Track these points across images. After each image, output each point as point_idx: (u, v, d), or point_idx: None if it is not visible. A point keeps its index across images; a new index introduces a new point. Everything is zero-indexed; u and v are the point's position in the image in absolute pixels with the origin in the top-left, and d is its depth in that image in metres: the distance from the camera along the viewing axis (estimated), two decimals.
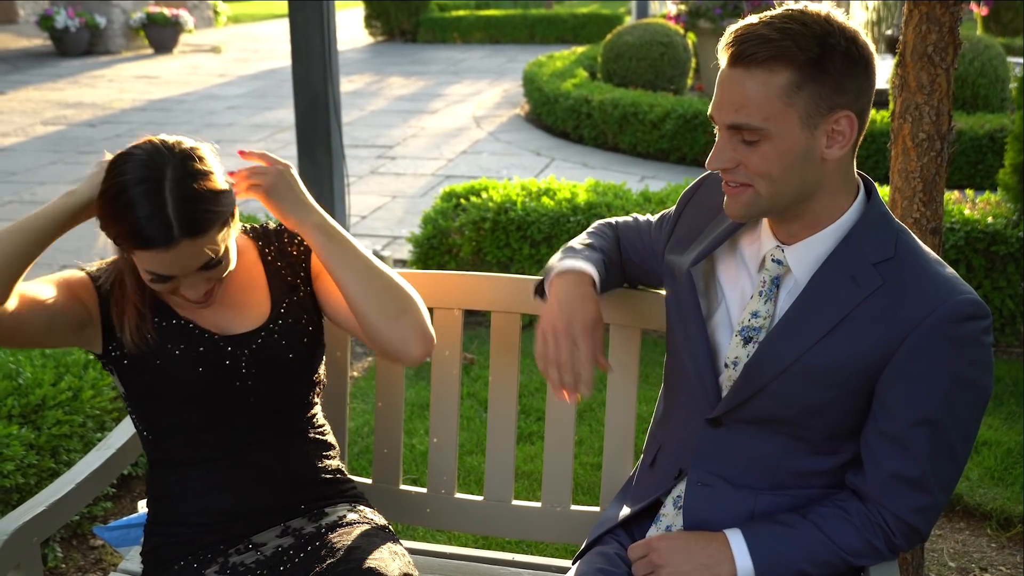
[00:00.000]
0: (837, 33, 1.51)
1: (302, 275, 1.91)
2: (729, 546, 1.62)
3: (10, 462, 2.75)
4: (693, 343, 1.74)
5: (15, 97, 12.07)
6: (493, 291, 2.09)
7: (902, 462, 1.57)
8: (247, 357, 1.80)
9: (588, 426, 3.78)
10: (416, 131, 9.91)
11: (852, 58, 1.52)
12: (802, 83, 1.50)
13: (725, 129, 1.56)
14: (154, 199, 1.60)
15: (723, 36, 1.56)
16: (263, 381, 1.81)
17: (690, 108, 8.22)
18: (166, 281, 1.68)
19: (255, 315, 1.84)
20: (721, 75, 1.55)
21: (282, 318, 1.85)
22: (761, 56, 1.50)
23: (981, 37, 8.73)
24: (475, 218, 4.76)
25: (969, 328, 1.54)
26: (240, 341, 1.80)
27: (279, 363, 1.82)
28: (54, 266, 5.78)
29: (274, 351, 1.81)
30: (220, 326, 1.82)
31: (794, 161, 1.54)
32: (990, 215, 4.35)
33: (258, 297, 1.86)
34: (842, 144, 1.55)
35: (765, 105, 1.51)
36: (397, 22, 18.28)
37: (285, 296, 1.87)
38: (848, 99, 1.53)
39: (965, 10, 2.35)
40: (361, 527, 1.84)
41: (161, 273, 1.66)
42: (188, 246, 1.63)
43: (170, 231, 1.61)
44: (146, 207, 1.60)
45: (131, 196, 1.61)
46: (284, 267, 1.90)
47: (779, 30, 1.50)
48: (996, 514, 3.14)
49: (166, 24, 16.75)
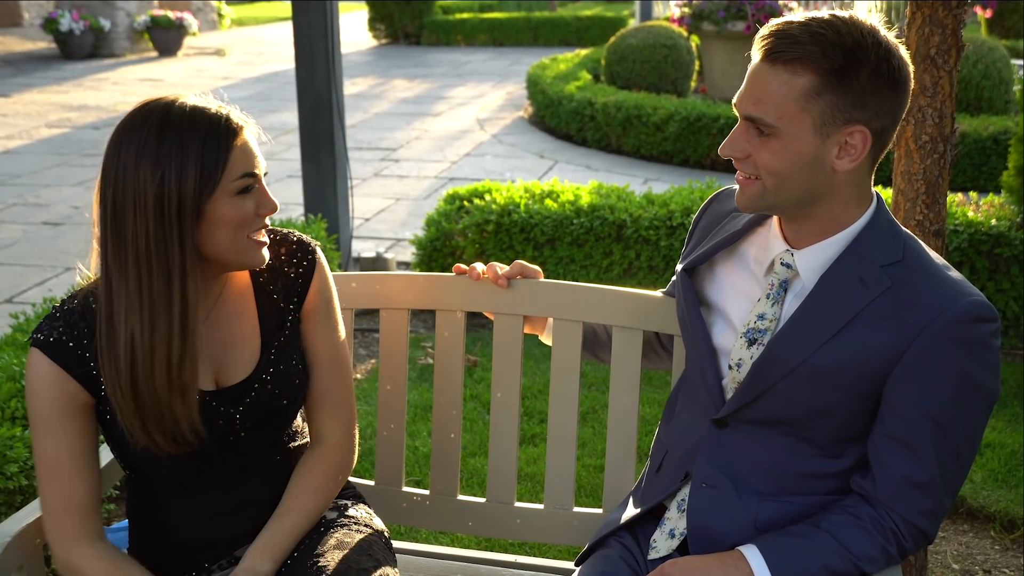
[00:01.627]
0: (870, 48, 1.50)
1: (295, 301, 1.79)
2: (747, 562, 1.60)
3: (13, 464, 2.75)
4: (697, 345, 1.75)
5: (19, 100, 12.09)
6: (496, 293, 2.09)
7: (911, 465, 1.57)
8: (241, 413, 1.71)
9: (591, 428, 3.78)
10: (420, 134, 9.92)
11: (880, 76, 1.51)
12: (821, 90, 1.50)
13: (743, 119, 1.57)
14: (204, 108, 1.59)
15: (760, 30, 1.58)
16: (256, 430, 1.74)
17: (694, 111, 8.21)
18: (250, 191, 1.61)
19: (246, 355, 1.73)
20: (750, 67, 1.57)
21: (273, 365, 1.74)
22: (787, 56, 1.51)
23: (985, 40, 8.72)
24: (478, 220, 4.76)
25: (978, 330, 1.54)
26: (233, 396, 1.70)
27: (273, 411, 1.75)
28: (57, 268, 5.80)
29: (267, 401, 1.73)
30: (212, 371, 1.70)
31: (802, 164, 1.54)
32: (994, 217, 4.34)
33: (248, 329, 1.74)
34: (852, 158, 1.55)
35: (781, 104, 1.52)
36: (401, 25, 18.30)
37: (274, 336, 1.76)
38: (867, 115, 1.52)
39: (969, 13, 2.35)
40: (352, 536, 1.80)
41: (249, 170, 1.60)
42: (250, 134, 1.62)
43: (232, 119, 1.60)
44: (204, 114, 1.58)
45: (178, 117, 1.57)
46: (276, 290, 1.78)
47: (812, 34, 1.50)
48: (1000, 516, 3.14)
49: (170, 27, 16.78)
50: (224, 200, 1.58)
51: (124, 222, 1.55)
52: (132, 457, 1.68)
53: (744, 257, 1.75)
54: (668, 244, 4.57)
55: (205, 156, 1.55)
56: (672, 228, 4.58)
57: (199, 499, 1.75)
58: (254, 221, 1.64)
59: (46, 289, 5.45)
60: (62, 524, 1.64)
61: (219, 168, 1.56)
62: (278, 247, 1.80)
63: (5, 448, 2.77)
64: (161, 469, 1.69)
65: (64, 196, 7.52)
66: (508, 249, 4.75)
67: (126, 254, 1.56)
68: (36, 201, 7.39)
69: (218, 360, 1.71)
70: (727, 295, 1.75)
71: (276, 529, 1.73)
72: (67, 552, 1.64)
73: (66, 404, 1.62)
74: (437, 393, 2.16)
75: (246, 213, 1.61)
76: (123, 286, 1.56)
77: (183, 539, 1.76)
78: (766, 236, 1.72)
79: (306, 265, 1.79)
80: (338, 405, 1.84)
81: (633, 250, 4.65)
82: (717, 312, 1.76)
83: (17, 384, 2.98)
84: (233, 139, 1.59)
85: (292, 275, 1.79)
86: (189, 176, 1.54)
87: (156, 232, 1.54)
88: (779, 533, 1.64)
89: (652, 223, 4.60)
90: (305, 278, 1.79)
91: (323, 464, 1.81)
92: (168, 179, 1.53)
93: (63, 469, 1.63)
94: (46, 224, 6.77)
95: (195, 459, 1.68)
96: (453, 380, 2.15)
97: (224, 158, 1.57)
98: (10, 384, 2.96)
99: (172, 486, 1.74)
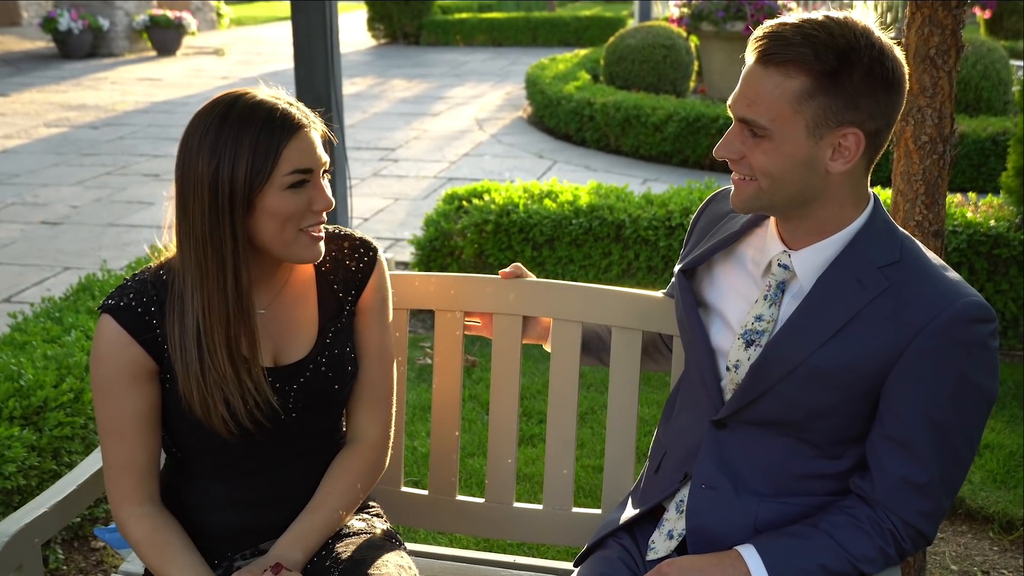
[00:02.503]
0: (863, 50, 1.50)
1: (353, 293, 1.85)
2: (744, 561, 1.60)
3: (11, 464, 2.75)
4: (695, 347, 1.75)
5: (18, 99, 12.09)
6: (495, 294, 2.09)
7: (910, 467, 1.57)
8: (295, 392, 1.76)
9: (590, 428, 3.77)
10: (418, 133, 9.91)
11: (874, 77, 1.51)
12: (814, 92, 1.50)
13: (737, 121, 1.58)
14: (270, 102, 1.65)
15: (755, 31, 1.58)
16: (307, 412, 1.78)
17: (692, 111, 8.21)
18: (302, 186, 1.65)
19: (304, 337, 1.79)
20: (745, 68, 1.57)
21: (328, 349, 1.80)
22: (779, 58, 1.51)
23: (984, 40, 8.72)
24: (477, 220, 4.76)
25: (976, 331, 1.54)
26: (288, 375, 1.76)
27: (325, 395, 1.79)
28: (56, 267, 5.79)
29: (321, 384, 1.78)
30: (272, 351, 1.76)
31: (795, 165, 1.54)
32: (992, 218, 4.34)
33: (307, 315, 1.81)
34: (846, 160, 1.55)
35: (774, 106, 1.52)
36: (400, 25, 18.29)
37: (332, 321, 1.82)
38: (860, 117, 1.52)
39: (968, 13, 2.35)
40: (367, 536, 1.84)
41: (304, 166, 1.64)
42: (314, 133, 1.67)
43: (296, 116, 1.65)
44: (267, 106, 1.64)
45: (245, 108, 1.64)
46: (337, 280, 1.84)
47: (805, 35, 1.50)
48: (998, 517, 3.14)
49: (169, 26, 16.77)
50: (275, 193, 1.64)
51: (187, 205, 1.64)
52: (184, 427, 1.73)
53: (742, 258, 1.75)
54: (667, 244, 4.57)
55: (257, 149, 1.61)
56: (671, 228, 4.58)
57: (237, 484, 1.78)
58: (307, 216, 1.68)
59: (44, 289, 5.44)
60: (120, 484, 1.72)
61: (270, 161, 1.62)
62: (341, 241, 1.87)
63: (3, 448, 2.77)
64: (210, 444, 1.73)
65: (62, 195, 7.52)
66: (507, 249, 4.75)
67: (190, 235, 1.65)
68: (34, 200, 7.39)
69: (278, 341, 1.77)
70: (725, 296, 1.75)
71: (308, 524, 1.77)
72: (119, 509, 1.73)
73: (130, 369, 1.68)
74: (436, 393, 2.16)
75: (297, 208, 1.66)
76: (189, 264, 1.66)
77: (214, 523, 1.79)
78: (764, 237, 1.71)
79: (367, 261, 1.86)
80: (379, 402, 1.88)
81: (632, 250, 4.65)
82: (715, 313, 1.75)
83: (15, 384, 2.98)
84: (289, 135, 1.63)
85: (353, 268, 1.85)
86: (241, 167, 1.61)
87: (210, 218, 1.62)
88: (777, 533, 1.63)
89: (651, 223, 4.60)
90: (365, 273, 1.86)
91: (358, 463, 1.85)
92: (222, 169, 1.61)
93: (124, 432, 1.69)
94: (44, 224, 6.76)
95: (245, 441, 1.73)
96: (452, 380, 2.14)
97: (276, 152, 1.62)
98: (8, 384, 2.96)
99: (214, 466, 1.77)
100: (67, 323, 3.49)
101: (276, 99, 1.66)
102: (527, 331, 2.11)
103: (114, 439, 1.70)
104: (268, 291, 1.77)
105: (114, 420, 1.69)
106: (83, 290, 3.91)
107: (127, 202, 7.32)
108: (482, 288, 2.10)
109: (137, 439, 1.70)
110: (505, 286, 2.08)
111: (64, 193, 7.60)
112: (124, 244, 6.23)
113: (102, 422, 1.70)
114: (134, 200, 7.37)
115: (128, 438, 1.70)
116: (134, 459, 1.71)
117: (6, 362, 3.11)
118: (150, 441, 1.72)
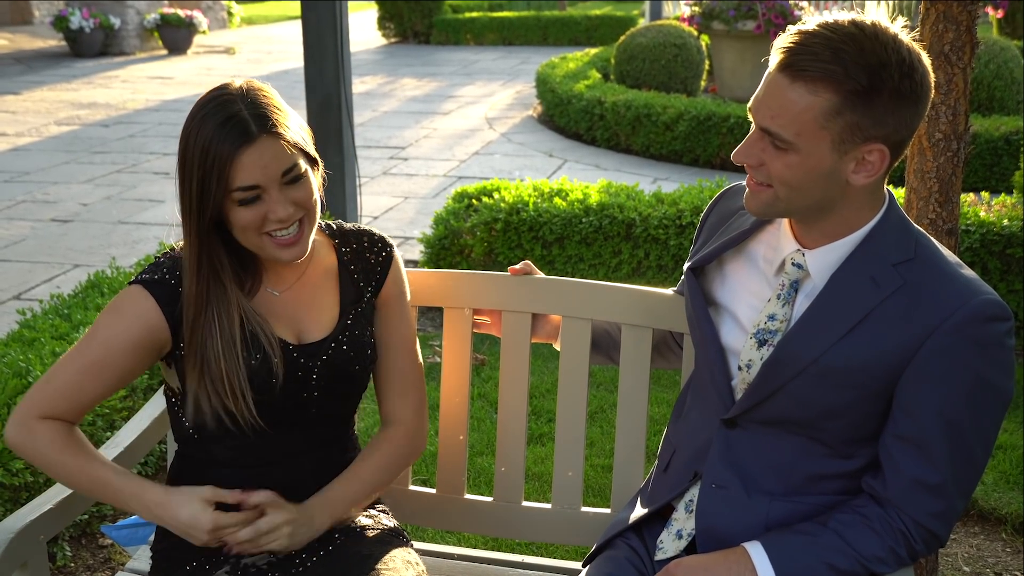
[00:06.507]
0: (893, 66, 1.46)
1: (373, 284, 1.90)
2: (750, 559, 1.59)
3: (19, 460, 2.75)
4: (704, 345, 1.73)
5: (29, 97, 12.12)
6: (504, 291, 2.08)
7: (923, 467, 1.55)
8: (318, 369, 1.78)
9: (599, 428, 3.76)
10: (428, 132, 9.91)
11: (901, 94, 1.48)
12: (842, 110, 1.47)
13: (758, 128, 1.54)
14: (229, 107, 1.67)
15: (782, 35, 1.53)
16: (328, 392, 1.81)
17: (703, 110, 8.19)
18: (254, 202, 1.66)
19: (325, 319, 1.83)
20: (768, 74, 1.53)
21: (349, 329, 1.84)
22: (808, 73, 1.47)
23: (997, 39, 8.68)
24: (487, 219, 4.75)
25: (992, 329, 1.52)
26: (312, 351, 1.79)
27: (346, 375, 1.82)
28: (66, 264, 5.80)
29: (342, 362, 1.81)
30: (293, 330, 1.80)
31: (817, 177, 1.52)
32: (1006, 218, 4.31)
33: (329, 299, 1.85)
34: (868, 174, 1.53)
35: (800, 121, 1.48)
36: (410, 23, 18.29)
37: (352, 305, 1.86)
38: (886, 132, 1.50)
39: (981, 12, 2.33)
40: (374, 532, 1.84)
41: (249, 183, 1.65)
42: (269, 144, 1.65)
43: (248, 126, 1.65)
44: (222, 114, 1.66)
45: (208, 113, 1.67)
46: (357, 271, 1.89)
47: (834, 51, 1.46)
48: (1011, 518, 3.11)
49: (180, 25, 16.80)
50: (231, 206, 1.68)
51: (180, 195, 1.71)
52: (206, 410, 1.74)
53: (753, 256, 1.73)
54: (677, 243, 4.55)
55: (209, 167, 1.64)
56: (681, 227, 4.56)
57: (253, 472, 1.78)
58: (266, 225, 1.70)
59: (54, 286, 5.45)
60: (47, 399, 1.72)
61: (222, 184, 1.65)
62: (360, 236, 1.92)
63: None
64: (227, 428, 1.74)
65: (73, 193, 7.53)
66: (516, 248, 4.74)
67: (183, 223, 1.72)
68: (45, 198, 7.40)
69: (300, 322, 1.82)
70: (736, 295, 1.73)
71: (338, 492, 1.83)
72: (30, 409, 1.71)
73: (141, 333, 1.71)
74: (444, 392, 2.15)
75: (251, 220, 1.69)
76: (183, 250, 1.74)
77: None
78: (776, 235, 1.69)
79: (384, 256, 1.92)
80: (410, 387, 1.95)
81: (642, 249, 4.63)
82: (726, 312, 1.74)
83: (23, 380, 2.98)
84: (234, 152, 1.64)
85: (372, 261, 1.91)
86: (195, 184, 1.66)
87: (185, 212, 1.70)
88: (784, 531, 1.62)
89: (661, 222, 4.58)
90: (384, 267, 1.92)
91: (392, 443, 1.92)
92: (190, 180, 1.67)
93: (90, 371, 1.71)
94: (55, 221, 6.77)
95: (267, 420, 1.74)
96: (461, 379, 2.13)
97: (222, 172, 1.65)
98: (16, 380, 2.95)
99: (234, 452, 1.78)
100: (76, 320, 3.49)
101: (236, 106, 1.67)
102: (536, 330, 2.10)
103: (76, 370, 1.71)
104: (289, 276, 1.82)
105: (90, 358, 1.70)
106: (92, 287, 3.91)
107: (137, 200, 7.33)
108: (491, 285, 2.08)
109: (94, 383, 1.71)
110: (514, 283, 2.07)
111: (74, 191, 7.62)
112: (134, 242, 6.24)
113: (76, 354, 1.72)
114: (144, 198, 7.38)
115: (89, 377, 1.70)
116: (80, 394, 1.71)
117: (15, 359, 3.11)
118: (100, 392, 1.73)
